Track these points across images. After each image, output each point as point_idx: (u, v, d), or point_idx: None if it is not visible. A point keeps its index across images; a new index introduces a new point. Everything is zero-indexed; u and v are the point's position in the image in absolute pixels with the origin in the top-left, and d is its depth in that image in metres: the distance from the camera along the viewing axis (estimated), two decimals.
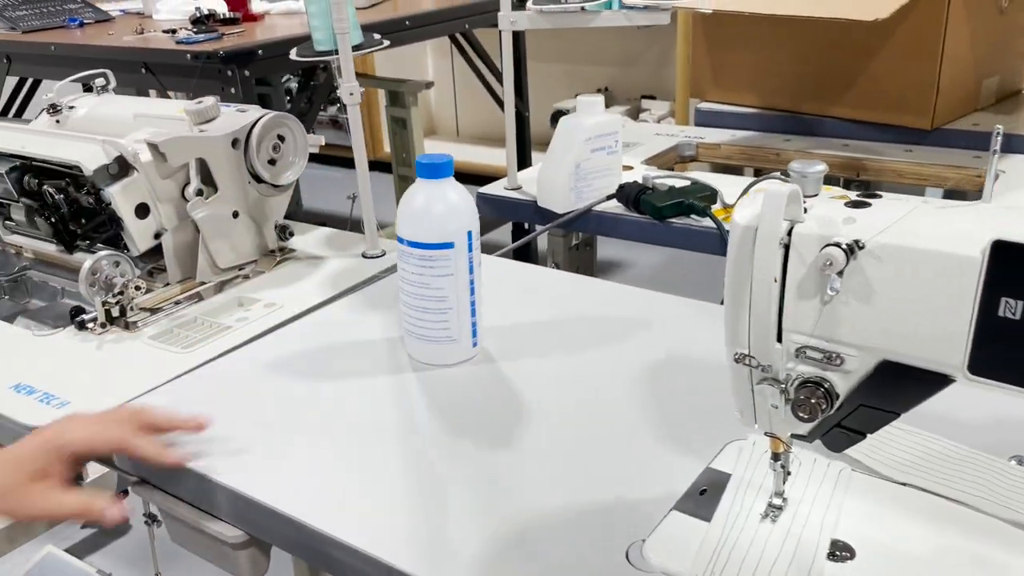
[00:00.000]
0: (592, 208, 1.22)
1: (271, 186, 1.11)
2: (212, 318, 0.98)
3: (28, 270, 1.24)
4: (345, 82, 1.04)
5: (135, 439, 0.70)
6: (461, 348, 0.82)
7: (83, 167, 0.98)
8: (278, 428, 0.75)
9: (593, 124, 1.20)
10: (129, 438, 0.71)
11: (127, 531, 1.82)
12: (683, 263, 2.37)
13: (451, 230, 0.77)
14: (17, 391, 0.84)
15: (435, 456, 0.70)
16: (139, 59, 1.95)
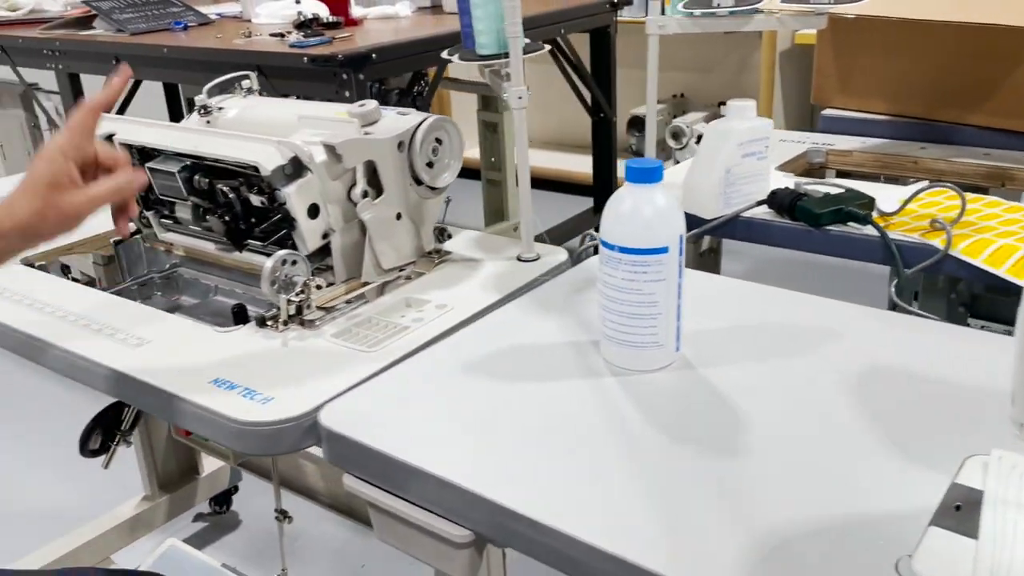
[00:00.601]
0: (740, 214, 1.21)
1: (429, 188, 1.12)
2: (386, 318, 0.99)
3: (179, 267, 1.27)
4: (514, 86, 1.04)
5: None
6: (665, 353, 0.81)
7: (261, 167, 1.00)
8: (489, 428, 0.76)
9: (745, 129, 1.19)
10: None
11: (238, 525, 1.85)
12: (807, 270, 2.34)
13: (664, 235, 0.77)
14: (218, 385, 0.85)
15: (663, 460, 0.70)
16: (252, 62, 1.98)
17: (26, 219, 0.74)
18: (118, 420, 1.52)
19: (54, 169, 0.75)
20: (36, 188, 0.75)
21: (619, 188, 0.79)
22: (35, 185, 0.75)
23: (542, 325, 0.94)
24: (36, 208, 0.74)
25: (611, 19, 2.63)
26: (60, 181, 0.75)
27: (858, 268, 1.58)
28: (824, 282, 2.37)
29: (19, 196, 0.75)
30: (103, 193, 0.78)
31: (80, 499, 1.91)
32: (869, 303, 0.93)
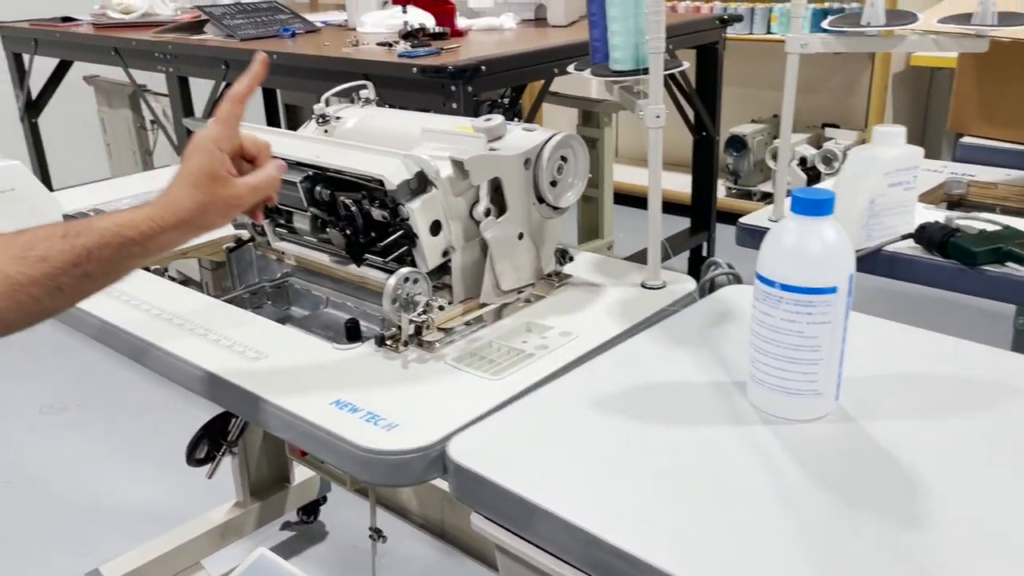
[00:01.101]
0: (883, 247, 1.12)
1: (551, 208, 1.07)
2: (507, 343, 0.95)
3: (290, 276, 1.25)
4: (651, 104, 0.99)
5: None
6: (824, 402, 0.74)
7: (386, 181, 0.96)
8: (627, 472, 0.70)
9: (892, 157, 1.11)
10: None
11: (324, 536, 1.83)
12: (914, 304, 2.22)
13: (834, 273, 0.70)
14: (339, 408, 0.82)
15: (831, 525, 0.63)
16: (359, 71, 1.98)
17: (190, 212, 0.76)
18: (224, 431, 1.52)
19: (213, 161, 0.77)
20: (197, 181, 0.76)
21: (782, 220, 0.73)
22: (195, 178, 0.76)
23: (677, 360, 0.87)
24: (199, 200, 0.76)
25: (719, 36, 2.55)
26: (219, 173, 0.77)
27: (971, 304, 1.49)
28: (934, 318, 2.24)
29: (179, 190, 0.76)
30: (261, 182, 0.79)
31: (173, 500, 1.92)
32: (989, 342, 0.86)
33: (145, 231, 0.76)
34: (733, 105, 3.74)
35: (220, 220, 0.79)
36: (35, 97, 3.20)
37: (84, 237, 0.74)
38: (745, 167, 3.49)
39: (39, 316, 0.76)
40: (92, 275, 0.75)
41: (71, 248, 0.74)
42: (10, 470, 2.08)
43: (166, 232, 0.76)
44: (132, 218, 0.76)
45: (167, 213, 0.76)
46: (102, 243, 0.75)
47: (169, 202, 0.76)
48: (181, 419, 1.52)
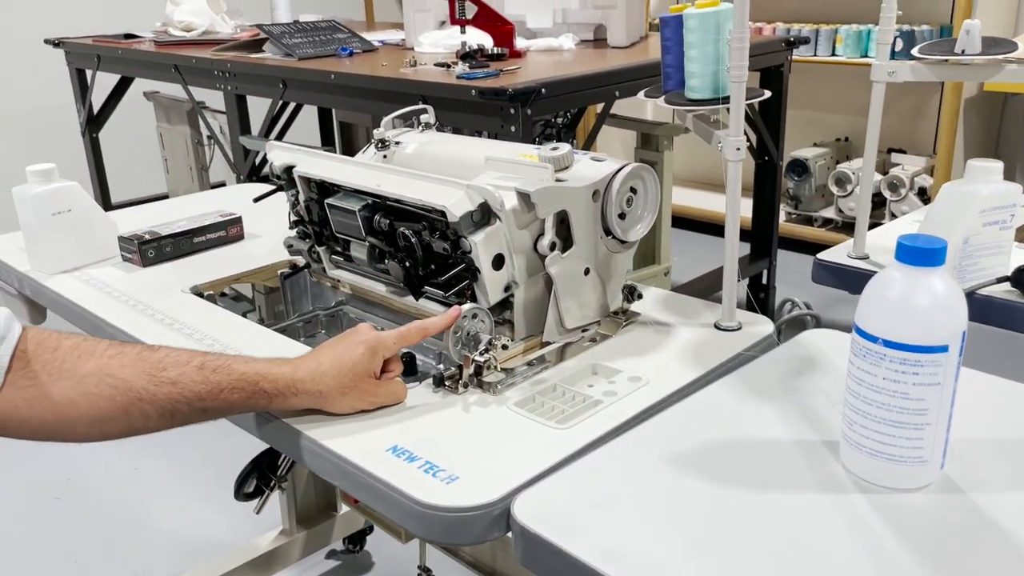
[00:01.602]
0: (976, 291, 1.04)
1: (619, 242, 1.02)
2: (572, 387, 0.89)
3: (344, 305, 1.21)
4: (732, 135, 0.93)
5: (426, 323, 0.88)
6: (928, 470, 0.67)
7: (448, 212, 0.92)
8: (709, 542, 0.64)
9: (989, 194, 1.03)
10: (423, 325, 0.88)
11: (370, 567, 1.79)
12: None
13: (944, 331, 0.63)
14: (396, 455, 0.77)
15: None
16: (418, 91, 1.95)
17: (329, 393, 0.81)
18: (274, 466, 1.48)
19: (372, 362, 0.83)
20: (352, 371, 0.82)
21: (886, 268, 0.66)
22: (351, 369, 0.82)
23: (759, 414, 0.81)
24: (342, 386, 0.81)
25: (785, 58, 2.47)
26: (369, 373, 0.83)
27: None
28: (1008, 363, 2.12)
29: (330, 368, 0.81)
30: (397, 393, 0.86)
31: (220, 524, 1.90)
32: None
33: (281, 389, 0.80)
34: (795, 128, 3.64)
35: (347, 409, 0.83)
36: (96, 112, 3.25)
37: (220, 375, 0.77)
38: (806, 192, 3.39)
39: (138, 432, 0.78)
40: (209, 411, 0.79)
41: (204, 381, 0.77)
42: (60, 487, 2.08)
43: (298, 397, 0.80)
44: (272, 372, 0.79)
45: (308, 382, 0.80)
46: (235, 386, 0.78)
47: (315, 374, 0.81)
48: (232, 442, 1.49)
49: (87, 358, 0.75)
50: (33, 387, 0.73)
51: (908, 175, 3.14)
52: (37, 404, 0.73)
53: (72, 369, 0.74)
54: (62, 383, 0.74)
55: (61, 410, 0.74)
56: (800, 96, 3.54)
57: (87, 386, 0.74)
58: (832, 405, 0.81)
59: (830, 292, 1.22)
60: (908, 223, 1.36)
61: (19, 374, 0.73)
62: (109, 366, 0.75)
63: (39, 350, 0.74)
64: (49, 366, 0.74)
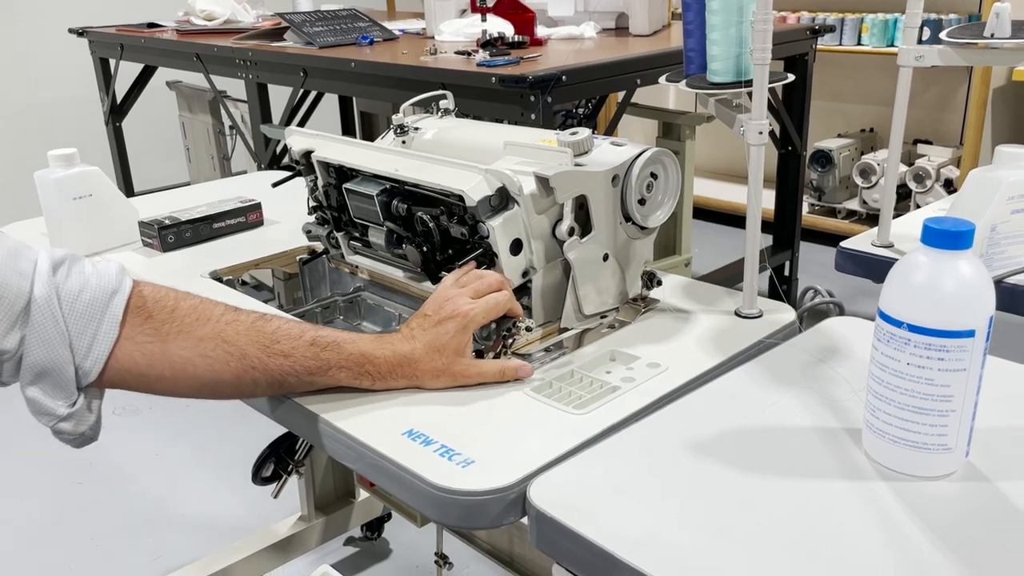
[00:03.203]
0: (1004, 279, 1.02)
1: (639, 228, 1.00)
2: (590, 373, 0.88)
3: (362, 291, 1.21)
4: (755, 119, 0.91)
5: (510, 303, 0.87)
6: (953, 458, 0.66)
7: (466, 197, 0.91)
8: (730, 530, 0.63)
9: (1016, 180, 1.01)
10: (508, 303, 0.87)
11: (388, 555, 1.79)
12: None
13: (971, 316, 0.62)
14: (412, 439, 0.76)
15: None
16: (438, 79, 1.94)
17: (424, 373, 0.82)
18: (292, 450, 1.49)
19: (464, 340, 0.84)
20: (444, 348, 0.83)
21: (912, 252, 0.65)
22: (444, 348, 0.83)
23: (780, 402, 0.80)
24: (437, 367, 0.82)
25: (810, 47, 2.44)
26: (460, 352, 0.83)
27: None
28: None
29: (425, 348, 0.82)
30: (491, 372, 0.84)
31: (239, 508, 1.91)
32: None
33: (383, 371, 0.81)
34: (819, 119, 3.60)
35: (442, 385, 0.83)
36: (119, 101, 3.27)
37: (330, 352, 0.80)
38: (830, 183, 3.35)
39: (246, 396, 0.81)
40: (316, 384, 0.81)
41: (315, 357, 0.79)
42: (83, 471, 2.10)
43: (396, 379, 0.82)
44: (375, 353, 0.81)
45: (406, 364, 0.82)
46: (343, 365, 0.80)
47: (410, 357, 0.82)
48: (251, 426, 1.50)
49: (204, 322, 0.77)
50: (152, 343, 0.75)
51: (934, 166, 3.09)
52: (155, 360, 0.75)
53: (190, 331, 0.76)
54: (180, 342, 0.75)
55: (178, 368, 0.76)
56: (825, 86, 3.50)
57: (204, 349, 0.76)
58: (854, 393, 0.79)
59: (854, 283, 1.20)
60: (934, 211, 1.34)
61: (138, 329, 0.74)
62: (226, 332, 0.77)
63: (157, 308, 0.76)
64: (168, 325, 0.75)
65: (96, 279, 0.74)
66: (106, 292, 0.74)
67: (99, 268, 0.76)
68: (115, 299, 0.74)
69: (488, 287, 0.87)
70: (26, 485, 2.06)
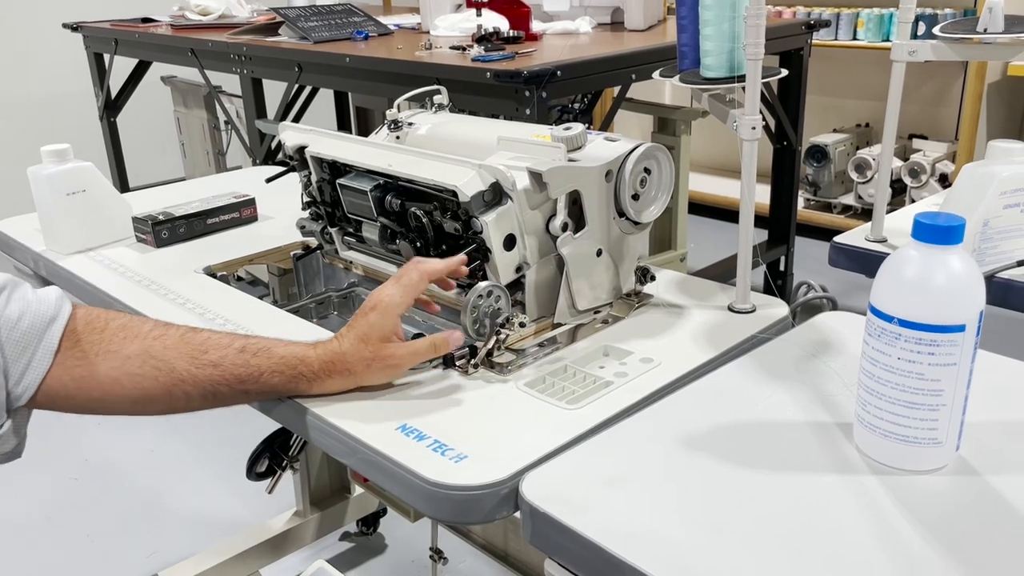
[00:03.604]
0: (996, 275, 1.03)
1: (632, 223, 1.01)
2: (583, 368, 0.89)
3: (356, 286, 1.21)
4: (748, 114, 0.91)
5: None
6: (943, 452, 0.66)
7: (459, 192, 0.91)
8: (721, 524, 0.63)
9: (1009, 175, 1.01)
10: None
11: (383, 550, 1.80)
12: None
13: (962, 310, 0.62)
14: (405, 434, 0.76)
15: None
16: (432, 74, 1.94)
17: (355, 366, 0.80)
18: (286, 446, 1.49)
19: (388, 324, 0.81)
20: (368, 339, 0.81)
21: (903, 247, 0.65)
22: (368, 336, 0.81)
23: (772, 397, 0.80)
24: (365, 357, 0.80)
25: (805, 41, 2.44)
26: (389, 336, 0.82)
27: None
28: None
29: (350, 343, 0.81)
30: (422, 348, 0.83)
31: (234, 504, 1.91)
32: None
33: (316, 371, 0.80)
34: (814, 114, 3.60)
35: (380, 377, 0.82)
36: (114, 96, 3.27)
37: (260, 358, 0.79)
38: (825, 178, 3.36)
39: (180, 411, 0.80)
40: (251, 393, 0.80)
41: (245, 364, 0.78)
42: (78, 467, 2.10)
43: (332, 378, 0.81)
44: (307, 356, 0.80)
45: (337, 362, 0.80)
46: (275, 370, 0.79)
47: (339, 353, 0.80)
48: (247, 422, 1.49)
49: (132, 339, 0.77)
50: (81, 367, 0.75)
51: (929, 161, 3.10)
52: (84, 383, 0.75)
53: (118, 350, 0.76)
54: (108, 363, 0.76)
55: (107, 389, 0.76)
56: (820, 81, 3.51)
57: (131, 367, 0.76)
58: (847, 387, 0.80)
59: (848, 279, 1.20)
60: (928, 206, 1.34)
61: (69, 353, 0.75)
62: (153, 348, 0.77)
63: (87, 330, 0.76)
64: (96, 346, 0.76)
65: (36, 305, 0.75)
66: (44, 320, 0.75)
67: (39, 294, 0.76)
68: (52, 327, 0.75)
69: (406, 271, 0.86)
70: (21, 482, 2.05)
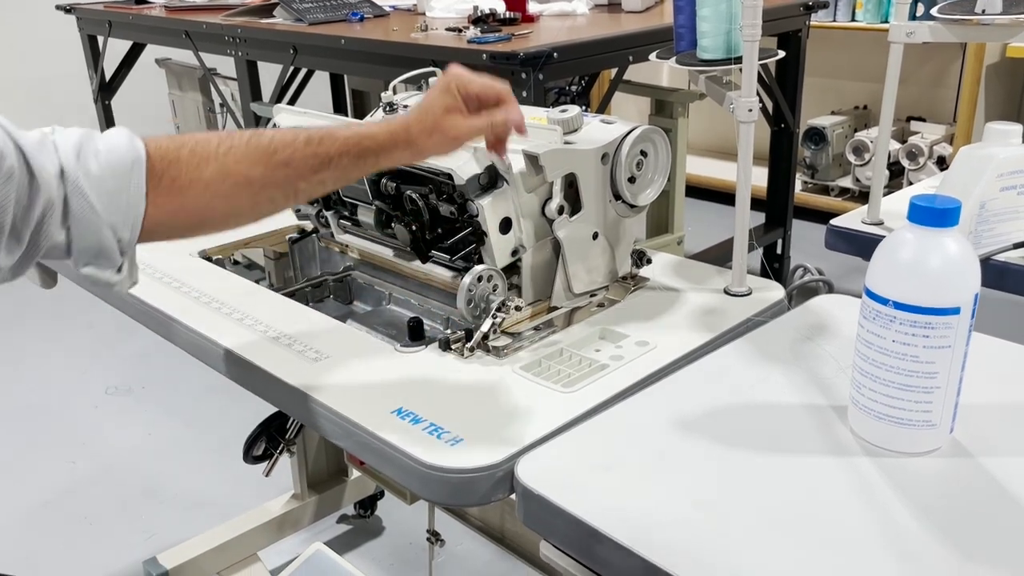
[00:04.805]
0: (992, 257, 1.03)
1: (628, 206, 1.00)
2: (579, 351, 0.89)
3: (352, 270, 1.21)
4: (745, 96, 0.91)
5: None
6: (937, 434, 0.67)
7: (455, 175, 0.91)
8: (714, 505, 0.64)
9: (1006, 157, 1.01)
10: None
11: (381, 532, 1.80)
12: None
13: (956, 293, 0.62)
14: (401, 417, 0.77)
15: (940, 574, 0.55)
16: (428, 56, 1.93)
17: (418, 137, 0.83)
18: (283, 428, 1.49)
19: (447, 97, 0.84)
20: (431, 111, 0.83)
21: (898, 230, 0.65)
22: (431, 109, 0.83)
23: (767, 379, 0.80)
24: (427, 127, 0.83)
25: (803, 23, 2.43)
26: (451, 109, 0.83)
27: None
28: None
29: (414, 115, 0.84)
30: (480, 124, 0.85)
31: (232, 487, 1.92)
32: None
33: (383, 144, 0.82)
34: (812, 96, 3.58)
35: (440, 147, 0.84)
36: (109, 79, 3.24)
37: (326, 145, 0.80)
38: (823, 161, 3.35)
39: (270, 214, 0.83)
40: (326, 181, 0.82)
41: (313, 155, 0.80)
42: (76, 451, 2.11)
43: (398, 149, 0.83)
44: (372, 132, 0.82)
45: (401, 132, 0.83)
46: (343, 152, 0.81)
47: (404, 123, 0.83)
48: (244, 404, 1.50)
49: (206, 162, 0.79)
50: (169, 200, 0.78)
51: (927, 143, 3.09)
52: (177, 214, 0.79)
53: (197, 177, 0.79)
54: (192, 192, 0.79)
55: (198, 215, 0.80)
56: (818, 63, 3.48)
57: (214, 190, 0.79)
58: (842, 370, 0.80)
59: (845, 262, 1.20)
60: (924, 188, 1.34)
61: (155, 191, 0.78)
62: (227, 165, 0.79)
63: (164, 164, 0.79)
64: (178, 178, 0.79)
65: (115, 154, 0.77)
66: (126, 166, 0.77)
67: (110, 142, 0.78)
68: (134, 173, 0.77)
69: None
70: (19, 465, 2.06)
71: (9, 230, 0.69)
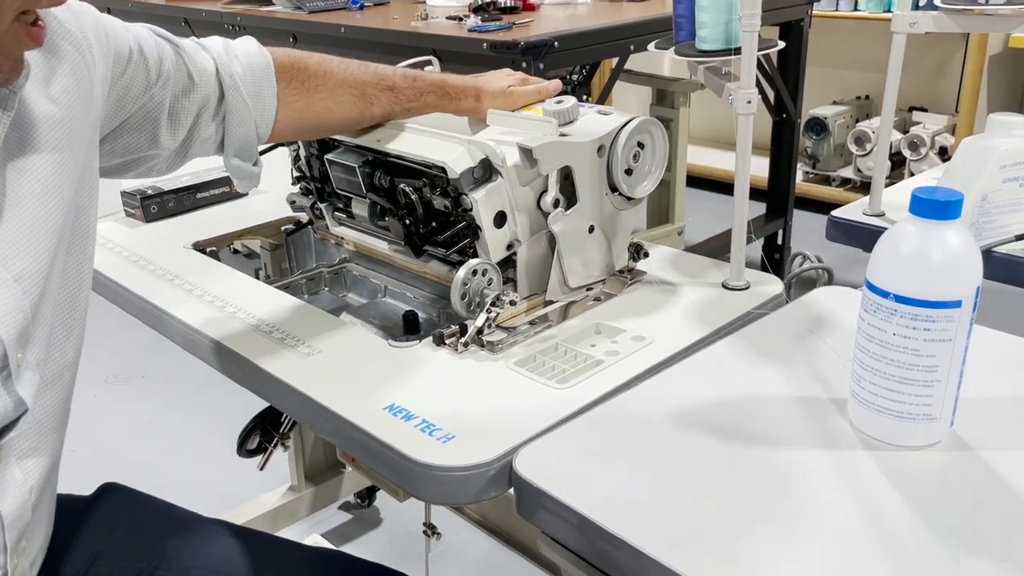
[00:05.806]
0: (993, 249, 1.01)
1: (625, 199, 0.99)
2: (575, 346, 0.88)
3: (347, 262, 1.19)
4: (743, 88, 0.90)
5: None
6: (937, 428, 0.66)
7: (448, 169, 0.90)
8: (713, 500, 0.63)
9: (1008, 149, 0.99)
10: None
11: (379, 523, 1.80)
12: None
13: (958, 286, 0.61)
14: (393, 414, 0.76)
15: (938, 570, 0.54)
16: (428, 45, 1.91)
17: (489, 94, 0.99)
18: (277, 422, 1.48)
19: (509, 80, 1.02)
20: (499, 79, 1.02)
21: (899, 222, 0.64)
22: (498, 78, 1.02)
23: (764, 373, 0.79)
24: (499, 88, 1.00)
25: (805, 12, 2.41)
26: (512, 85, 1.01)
27: None
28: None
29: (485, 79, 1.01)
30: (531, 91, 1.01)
31: (230, 477, 1.91)
32: None
33: (459, 90, 0.98)
34: (814, 85, 3.55)
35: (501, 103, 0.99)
36: None
37: (420, 82, 0.97)
38: (824, 151, 3.33)
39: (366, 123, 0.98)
40: (412, 110, 0.98)
41: (410, 87, 0.97)
42: (75, 439, 2.08)
43: (467, 98, 0.98)
44: (452, 79, 0.99)
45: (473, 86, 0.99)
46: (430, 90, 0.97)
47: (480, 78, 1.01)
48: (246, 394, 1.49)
49: (330, 72, 0.93)
50: (298, 100, 0.91)
51: (929, 134, 3.07)
52: (303, 113, 0.92)
53: (323, 83, 0.92)
54: (318, 94, 0.92)
55: (319, 115, 0.93)
56: (820, 52, 3.46)
57: (336, 96, 0.93)
58: (841, 363, 0.79)
59: (846, 253, 1.19)
60: (926, 180, 1.32)
61: (286, 91, 0.90)
62: (347, 77, 0.94)
63: (293, 68, 0.91)
64: (306, 83, 0.91)
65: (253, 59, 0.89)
66: (263, 68, 0.88)
67: (245, 48, 0.89)
68: (268, 73, 0.89)
69: None
70: None
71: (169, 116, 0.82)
